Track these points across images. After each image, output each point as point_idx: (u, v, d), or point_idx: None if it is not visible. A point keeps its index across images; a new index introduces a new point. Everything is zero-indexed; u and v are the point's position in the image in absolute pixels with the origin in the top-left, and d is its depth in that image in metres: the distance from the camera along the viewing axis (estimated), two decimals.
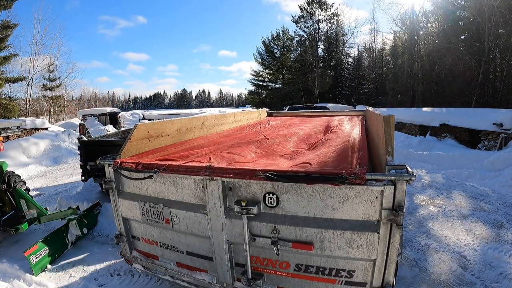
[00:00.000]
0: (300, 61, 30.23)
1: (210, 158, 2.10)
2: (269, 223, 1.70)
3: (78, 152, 5.37)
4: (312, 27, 29.95)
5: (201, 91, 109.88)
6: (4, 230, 3.54)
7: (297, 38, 31.19)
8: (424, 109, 13.05)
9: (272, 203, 1.68)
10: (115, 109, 19.50)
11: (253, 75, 33.65)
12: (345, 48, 30.72)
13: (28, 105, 20.71)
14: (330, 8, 29.28)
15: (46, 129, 12.71)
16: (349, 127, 3.52)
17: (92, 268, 3.30)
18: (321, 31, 30.15)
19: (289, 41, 31.63)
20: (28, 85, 20.63)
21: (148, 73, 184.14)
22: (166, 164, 1.92)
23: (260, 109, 6.39)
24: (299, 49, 31.39)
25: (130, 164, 2.01)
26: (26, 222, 3.53)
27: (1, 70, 17.72)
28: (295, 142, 2.81)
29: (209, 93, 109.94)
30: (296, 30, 31.39)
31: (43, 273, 3.19)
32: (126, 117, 23.53)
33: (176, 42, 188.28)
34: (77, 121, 17.53)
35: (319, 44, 30.21)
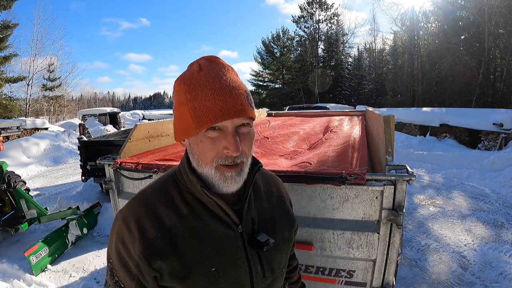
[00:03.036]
0: (300, 61, 30.23)
1: None
2: None
3: (78, 152, 5.38)
4: (312, 27, 29.97)
5: None
6: (4, 230, 3.54)
7: (297, 38, 31.21)
8: (424, 109, 13.06)
9: None
10: (115, 109, 19.50)
11: (253, 75, 33.67)
12: (345, 48, 30.75)
13: (28, 105, 20.74)
14: (330, 8, 29.31)
15: (46, 129, 12.72)
16: (349, 127, 3.52)
17: (92, 268, 3.30)
18: (321, 31, 30.17)
19: (289, 41, 31.63)
20: (28, 85, 20.68)
21: (149, 74, 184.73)
22: (166, 164, 1.92)
23: (260, 109, 6.38)
24: (299, 49, 31.40)
25: (130, 164, 2.01)
26: (26, 222, 3.53)
27: (1, 70, 17.74)
28: (295, 141, 2.81)
29: None
30: (296, 30, 31.43)
31: (43, 273, 3.19)
32: (126, 117, 23.51)
33: (178, 43, 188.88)
34: (77, 121, 17.52)
35: (319, 44, 30.23)
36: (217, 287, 0.69)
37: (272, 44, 32.05)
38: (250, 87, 34.40)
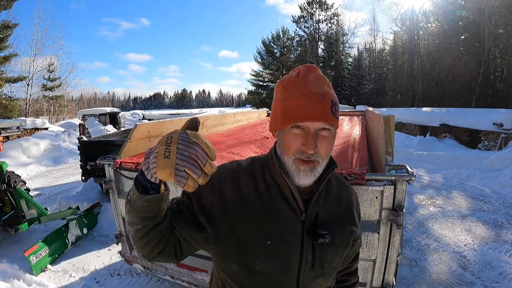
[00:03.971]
0: (300, 61, 30.22)
1: None
2: None
3: (78, 152, 5.37)
4: (312, 27, 30.01)
5: (201, 91, 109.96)
6: (4, 230, 3.54)
7: (297, 38, 31.21)
8: (424, 109, 13.07)
9: None
10: (115, 109, 19.45)
11: (253, 75, 33.55)
12: (345, 48, 30.78)
13: (28, 105, 20.73)
14: (330, 8, 29.33)
15: (46, 129, 12.71)
16: (349, 127, 3.52)
17: (92, 268, 3.30)
18: (321, 31, 30.21)
19: (289, 41, 31.59)
20: (28, 85, 20.67)
21: (149, 74, 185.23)
22: None
23: (260, 109, 6.39)
24: (299, 49, 31.39)
25: (130, 164, 2.01)
26: (26, 222, 3.53)
27: (1, 70, 17.71)
28: None
29: (209, 93, 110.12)
30: (296, 30, 31.42)
31: (43, 273, 3.18)
32: (126, 117, 23.50)
33: (178, 43, 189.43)
34: (77, 121, 17.51)
35: (319, 44, 30.26)
36: (267, 262, 0.76)
37: (272, 44, 31.99)
38: (250, 87, 34.37)
